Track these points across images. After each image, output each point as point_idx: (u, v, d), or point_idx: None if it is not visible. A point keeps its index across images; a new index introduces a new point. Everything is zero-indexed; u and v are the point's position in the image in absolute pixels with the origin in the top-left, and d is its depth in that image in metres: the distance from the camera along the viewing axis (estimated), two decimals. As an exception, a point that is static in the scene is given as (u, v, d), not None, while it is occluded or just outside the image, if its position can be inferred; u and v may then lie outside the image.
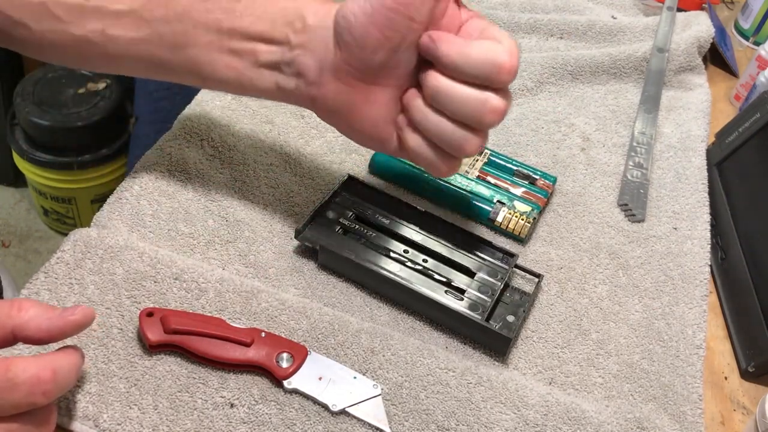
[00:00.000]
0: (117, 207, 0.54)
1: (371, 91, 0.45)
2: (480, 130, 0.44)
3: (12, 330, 0.37)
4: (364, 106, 0.45)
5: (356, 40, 0.42)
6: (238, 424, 0.43)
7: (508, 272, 0.53)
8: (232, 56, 0.47)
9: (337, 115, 0.47)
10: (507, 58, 0.41)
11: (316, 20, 0.45)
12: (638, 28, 0.79)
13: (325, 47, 0.44)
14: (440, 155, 0.45)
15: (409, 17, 0.41)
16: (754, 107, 0.63)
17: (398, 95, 0.45)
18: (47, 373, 0.36)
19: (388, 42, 0.42)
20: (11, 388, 0.35)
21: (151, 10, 0.46)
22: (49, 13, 0.46)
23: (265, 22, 0.46)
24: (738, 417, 0.52)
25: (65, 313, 0.38)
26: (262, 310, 0.49)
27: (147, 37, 0.47)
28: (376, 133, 0.47)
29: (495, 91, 0.42)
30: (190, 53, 0.47)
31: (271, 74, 0.47)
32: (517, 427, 0.45)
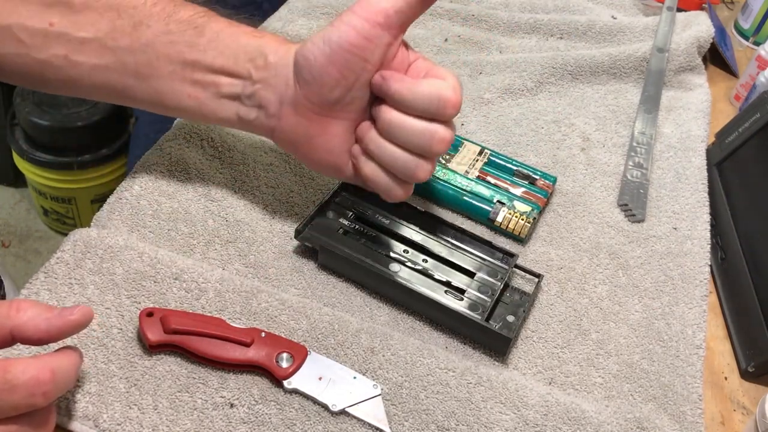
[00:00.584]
0: (117, 207, 0.54)
1: (328, 123, 0.48)
2: (430, 158, 0.48)
3: (10, 331, 0.37)
4: (320, 137, 0.49)
5: (315, 78, 0.46)
6: (238, 424, 0.43)
7: (507, 272, 0.53)
8: (195, 87, 0.49)
9: (295, 145, 0.50)
10: (452, 94, 0.45)
11: (276, 58, 0.48)
12: (638, 28, 0.79)
13: (285, 83, 0.48)
14: (394, 180, 0.49)
15: (364, 59, 0.45)
16: (754, 107, 0.63)
17: (353, 127, 0.49)
18: (46, 375, 0.36)
19: (344, 80, 0.46)
20: (10, 390, 0.35)
21: (115, 39, 0.47)
22: (13, 36, 0.47)
23: (227, 57, 0.48)
24: (738, 417, 0.52)
25: (64, 313, 0.37)
26: (262, 310, 0.49)
27: (110, 64, 0.48)
28: (332, 161, 0.50)
29: (441, 123, 0.46)
30: (152, 82, 0.49)
31: (232, 105, 0.50)
32: (517, 427, 0.45)
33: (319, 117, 0.48)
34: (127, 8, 0.47)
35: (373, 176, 0.49)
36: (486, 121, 0.69)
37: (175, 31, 0.48)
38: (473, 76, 0.73)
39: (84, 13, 0.47)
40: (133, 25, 0.47)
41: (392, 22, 0.45)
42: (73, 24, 0.47)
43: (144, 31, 0.47)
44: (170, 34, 0.48)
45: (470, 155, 0.63)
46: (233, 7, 1.35)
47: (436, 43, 0.77)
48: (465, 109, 0.70)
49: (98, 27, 0.47)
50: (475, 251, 0.55)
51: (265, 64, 0.48)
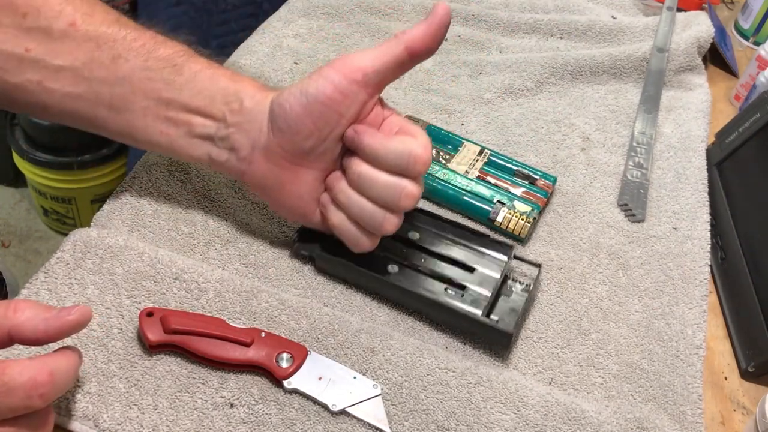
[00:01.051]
0: (117, 207, 0.54)
1: (298, 171, 0.49)
2: (397, 211, 0.48)
3: (8, 332, 0.37)
4: (291, 185, 0.49)
5: (290, 127, 0.46)
6: (238, 424, 0.43)
7: (506, 264, 0.53)
8: (168, 124, 0.49)
9: (265, 190, 0.50)
10: (422, 152, 0.46)
11: (252, 103, 0.48)
12: (638, 28, 0.79)
13: (259, 129, 0.48)
14: (362, 231, 0.49)
15: (339, 113, 0.46)
16: (754, 107, 0.63)
17: (323, 176, 0.50)
18: (44, 376, 0.35)
19: (318, 131, 0.47)
20: (7, 392, 0.34)
21: (92, 70, 0.47)
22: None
23: (204, 98, 0.48)
24: (738, 417, 0.52)
25: (62, 313, 0.37)
26: (262, 310, 0.49)
27: (84, 94, 0.48)
28: (301, 208, 0.51)
29: (410, 179, 0.47)
30: (125, 115, 0.49)
31: (204, 145, 0.50)
32: (517, 427, 0.45)
33: (291, 165, 0.48)
34: (107, 40, 0.47)
35: (340, 226, 0.49)
36: (486, 121, 0.69)
37: (154, 67, 0.48)
38: (473, 76, 0.74)
39: (62, 41, 0.47)
40: (112, 58, 0.47)
41: (370, 80, 0.46)
42: (50, 51, 0.46)
43: (122, 65, 0.47)
44: (148, 70, 0.48)
45: (470, 155, 0.63)
46: (233, 6, 1.36)
47: (436, 43, 0.77)
48: (465, 109, 0.70)
49: (75, 56, 0.47)
50: (473, 245, 0.55)
51: (241, 109, 0.48)
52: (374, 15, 0.79)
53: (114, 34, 0.48)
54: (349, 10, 0.78)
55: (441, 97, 0.71)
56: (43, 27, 0.46)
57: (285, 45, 0.74)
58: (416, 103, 0.70)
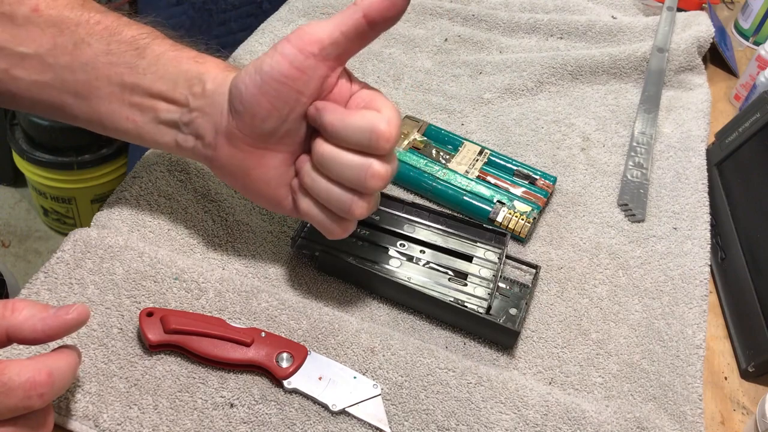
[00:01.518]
0: (117, 207, 0.54)
1: (264, 156, 0.46)
2: (366, 194, 0.45)
3: (6, 331, 0.36)
4: (257, 170, 0.47)
5: (246, 109, 0.44)
6: (238, 424, 0.43)
7: (503, 251, 0.54)
8: (133, 110, 0.48)
9: (232, 177, 0.48)
10: (385, 127, 0.42)
11: (214, 86, 0.46)
12: (638, 28, 0.79)
13: (220, 113, 0.45)
14: (331, 217, 0.46)
15: (298, 90, 0.43)
16: (754, 107, 0.63)
17: (291, 160, 0.47)
18: (43, 377, 0.35)
19: (276, 112, 0.44)
20: (6, 393, 0.34)
21: (56, 56, 0.46)
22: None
23: (167, 81, 0.47)
24: (738, 417, 0.52)
25: (60, 313, 0.37)
26: (262, 310, 0.49)
27: (50, 81, 0.47)
28: (271, 194, 0.48)
29: (378, 158, 0.43)
30: (92, 102, 0.47)
31: (169, 131, 0.48)
32: (517, 427, 0.45)
33: (254, 149, 0.46)
34: (69, 25, 0.46)
35: (309, 212, 0.47)
36: (486, 121, 0.69)
37: (116, 51, 0.46)
38: (473, 76, 0.74)
39: (26, 27, 0.46)
40: (74, 43, 0.46)
41: (328, 53, 0.43)
42: (14, 38, 0.45)
43: (84, 50, 0.46)
44: (110, 54, 0.46)
45: (470, 155, 0.63)
46: (233, 6, 1.36)
47: (436, 43, 0.77)
48: (465, 109, 0.70)
49: (39, 43, 0.46)
50: (468, 234, 0.56)
51: (203, 92, 0.46)
52: (374, 15, 0.79)
53: (77, 18, 0.46)
54: (349, 10, 0.78)
55: (441, 97, 0.71)
56: (6, 13, 0.45)
57: (285, 45, 0.74)
58: (416, 103, 0.70)
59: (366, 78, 0.72)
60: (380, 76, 0.72)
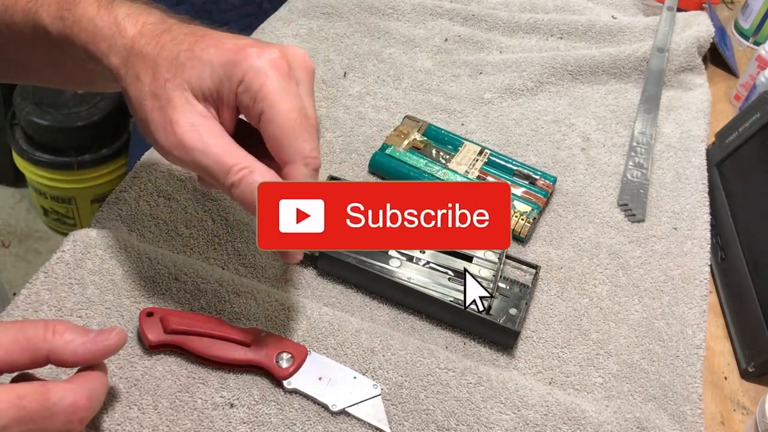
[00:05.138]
0: (117, 207, 0.54)
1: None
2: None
3: (47, 353, 0.36)
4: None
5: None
6: (238, 424, 0.43)
7: (503, 251, 0.54)
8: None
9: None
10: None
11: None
12: (638, 28, 0.79)
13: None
14: None
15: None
16: (754, 107, 0.63)
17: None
18: (83, 401, 0.35)
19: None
20: (50, 417, 0.34)
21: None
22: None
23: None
24: (738, 417, 0.52)
25: (100, 338, 0.37)
26: (262, 310, 0.49)
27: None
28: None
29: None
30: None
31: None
32: (517, 427, 0.45)
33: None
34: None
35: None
36: (486, 121, 0.69)
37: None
38: (473, 76, 0.73)
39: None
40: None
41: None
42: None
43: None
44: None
45: (470, 155, 0.63)
46: (233, 6, 1.36)
47: (436, 43, 0.77)
48: (465, 109, 0.70)
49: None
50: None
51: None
52: (374, 15, 0.79)
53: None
54: (349, 10, 0.78)
55: (441, 97, 0.71)
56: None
57: (285, 45, 0.74)
58: (416, 103, 0.70)
59: (366, 78, 0.72)
60: (380, 76, 0.72)
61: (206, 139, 0.39)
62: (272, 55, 0.40)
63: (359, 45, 0.75)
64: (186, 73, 0.40)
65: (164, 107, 0.40)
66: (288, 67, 0.41)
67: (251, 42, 0.41)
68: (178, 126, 0.39)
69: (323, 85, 0.70)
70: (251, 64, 0.40)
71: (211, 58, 0.40)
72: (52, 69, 0.49)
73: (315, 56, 0.73)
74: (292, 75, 0.41)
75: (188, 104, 0.40)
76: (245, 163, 0.39)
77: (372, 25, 0.77)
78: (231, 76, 0.40)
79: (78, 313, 0.46)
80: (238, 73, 0.40)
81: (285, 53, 0.41)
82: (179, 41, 0.41)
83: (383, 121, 0.67)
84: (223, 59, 0.40)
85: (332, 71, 0.72)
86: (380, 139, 0.65)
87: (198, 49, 0.40)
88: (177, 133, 0.39)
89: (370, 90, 0.70)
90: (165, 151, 0.40)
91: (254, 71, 0.40)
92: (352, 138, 0.65)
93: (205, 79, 0.40)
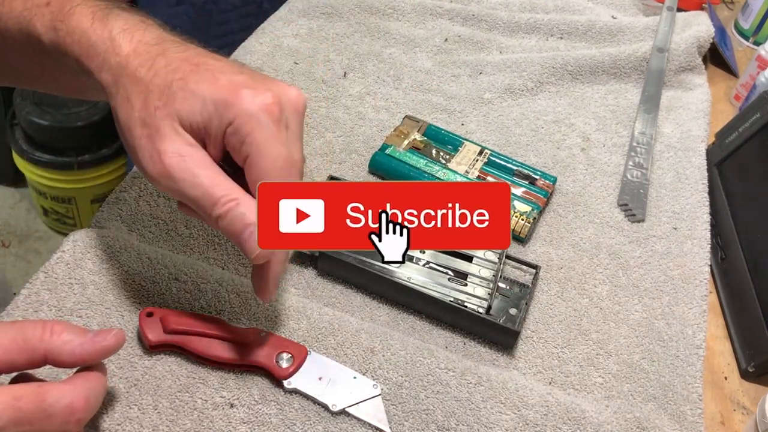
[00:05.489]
0: (117, 207, 0.54)
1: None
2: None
3: (44, 354, 0.36)
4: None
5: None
6: (238, 424, 0.43)
7: (503, 251, 0.54)
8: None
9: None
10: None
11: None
12: (638, 28, 0.79)
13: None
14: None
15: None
16: (754, 107, 0.63)
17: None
18: (81, 402, 0.35)
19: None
20: (47, 418, 0.34)
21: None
22: None
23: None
24: (738, 417, 0.52)
25: (97, 339, 0.37)
26: (262, 310, 0.49)
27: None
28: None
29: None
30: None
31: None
32: (517, 427, 0.45)
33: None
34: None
35: None
36: (486, 121, 0.69)
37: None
38: (473, 76, 0.73)
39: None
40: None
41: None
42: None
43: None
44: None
45: (470, 155, 0.63)
46: (233, 6, 1.35)
47: (436, 43, 0.77)
48: (465, 109, 0.70)
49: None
50: None
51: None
52: (374, 15, 0.79)
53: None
54: (349, 10, 0.78)
55: (441, 97, 0.71)
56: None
57: (285, 45, 0.74)
58: (416, 103, 0.70)
59: (366, 78, 0.72)
60: (380, 76, 0.72)
61: (193, 169, 0.39)
62: (265, 100, 0.40)
63: (359, 45, 0.75)
64: (177, 104, 0.40)
65: (152, 136, 0.40)
66: (280, 111, 0.40)
67: (246, 81, 0.41)
68: (165, 156, 0.39)
69: (323, 85, 0.70)
70: (243, 107, 0.39)
71: (203, 94, 0.40)
72: (44, 76, 0.49)
73: (315, 56, 0.73)
74: (283, 119, 0.41)
75: (176, 134, 0.40)
76: (232, 195, 0.39)
77: (372, 25, 0.77)
78: (222, 116, 0.40)
79: (78, 313, 0.46)
80: (229, 114, 0.40)
81: (278, 96, 0.41)
82: (174, 68, 0.41)
83: (383, 121, 0.67)
84: (215, 97, 0.40)
85: (332, 71, 0.72)
86: (380, 139, 0.65)
87: (192, 81, 0.40)
88: (164, 163, 0.39)
89: (370, 90, 0.70)
90: (152, 179, 0.40)
91: (245, 115, 0.39)
92: (352, 138, 0.65)
93: (195, 113, 0.40)
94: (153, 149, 0.40)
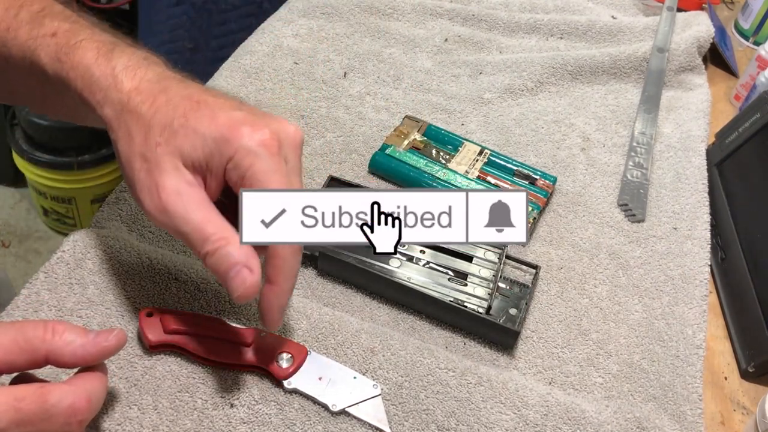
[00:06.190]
0: (117, 207, 0.54)
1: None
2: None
3: (46, 354, 0.36)
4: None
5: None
6: (238, 424, 0.43)
7: (503, 251, 0.54)
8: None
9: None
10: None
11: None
12: (638, 28, 0.79)
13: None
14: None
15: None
16: (754, 107, 0.63)
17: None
18: (83, 403, 0.35)
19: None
20: (49, 419, 0.34)
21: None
22: None
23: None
24: (738, 417, 0.52)
25: (99, 339, 0.37)
26: (262, 310, 0.49)
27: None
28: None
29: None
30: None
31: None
32: (517, 427, 0.45)
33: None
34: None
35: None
36: (486, 121, 0.69)
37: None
38: (473, 76, 0.73)
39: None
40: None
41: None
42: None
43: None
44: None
45: (470, 155, 0.63)
46: (233, 6, 1.36)
47: (436, 43, 0.77)
48: (465, 109, 0.70)
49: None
50: None
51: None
52: (374, 15, 0.79)
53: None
54: (349, 10, 0.78)
55: (441, 97, 0.71)
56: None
57: (285, 45, 0.74)
58: (416, 103, 0.70)
59: (366, 78, 0.72)
60: (380, 76, 0.72)
61: (189, 207, 0.40)
62: (263, 136, 0.40)
63: (359, 45, 0.75)
64: (178, 141, 0.40)
65: (152, 170, 0.40)
66: (278, 146, 0.41)
67: (245, 118, 0.41)
68: (163, 191, 0.40)
69: (323, 85, 0.70)
70: (242, 143, 0.40)
71: (204, 131, 0.40)
72: (46, 102, 0.50)
73: (315, 56, 0.73)
74: (282, 154, 0.41)
75: (176, 171, 0.40)
76: (222, 234, 0.40)
77: (372, 25, 0.77)
78: (222, 152, 0.40)
79: (78, 313, 0.46)
80: (229, 150, 0.40)
81: (277, 132, 0.41)
82: (175, 105, 0.41)
83: (383, 121, 0.67)
84: (215, 134, 0.40)
85: (332, 71, 0.72)
86: (380, 139, 0.65)
87: (192, 119, 0.41)
88: (162, 198, 0.40)
89: (370, 90, 0.70)
90: (148, 212, 0.41)
91: (245, 150, 0.40)
92: (352, 138, 0.65)
93: (197, 149, 0.40)
94: (152, 183, 0.40)
